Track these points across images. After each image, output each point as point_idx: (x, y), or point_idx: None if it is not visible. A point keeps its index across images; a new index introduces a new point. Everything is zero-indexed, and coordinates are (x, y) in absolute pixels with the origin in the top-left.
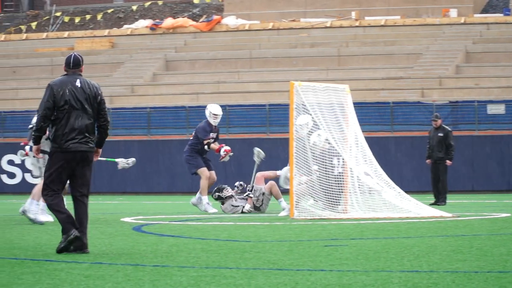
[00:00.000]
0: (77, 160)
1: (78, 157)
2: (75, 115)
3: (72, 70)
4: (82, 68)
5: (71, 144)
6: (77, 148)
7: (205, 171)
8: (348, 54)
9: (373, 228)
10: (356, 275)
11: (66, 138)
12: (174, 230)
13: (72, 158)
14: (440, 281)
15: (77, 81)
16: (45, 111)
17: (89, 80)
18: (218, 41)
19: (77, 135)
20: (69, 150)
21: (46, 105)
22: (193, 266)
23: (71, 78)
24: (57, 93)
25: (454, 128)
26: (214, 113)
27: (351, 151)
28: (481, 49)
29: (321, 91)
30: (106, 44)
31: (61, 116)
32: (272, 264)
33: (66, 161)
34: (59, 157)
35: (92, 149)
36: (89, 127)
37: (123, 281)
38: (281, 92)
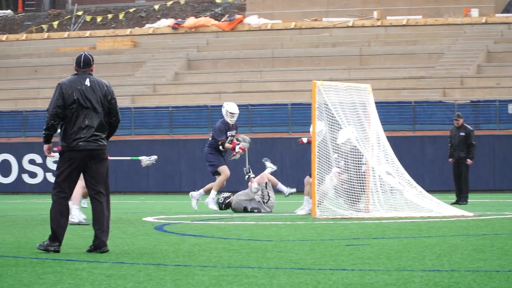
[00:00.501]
0: (87, 159)
1: (87, 155)
2: (84, 114)
3: (83, 69)
4: (92, 67)
5: (79, 143)
6: (86, 147)
7: (226, 170)
8: (370, 54)
9: (394, 227)
10: (377, 275)
11: (74, 136)
12: (196, 229)
13: (82, 157)
14: (461, 280)
15: (87, 80)
16: (55, 109)
17: (99, 79)
18: (240, 41)
19: (86, 133)
20: (77, 149)
21: (56, 103)
22: (215, 266)
23: (80, 78)
24: (66, 92)
25: (475, 127)
26: (230, 112)
27: (373, 151)
28: (502, 48)
29: (343, 90)
30: (128, 43)
31: (69, 115)
32: (294, 263)
33: (75, 159)
34: (68, 155)
35: (102, 147)
36: (99, 125)
37: (145, 281)
38: (303, 92)
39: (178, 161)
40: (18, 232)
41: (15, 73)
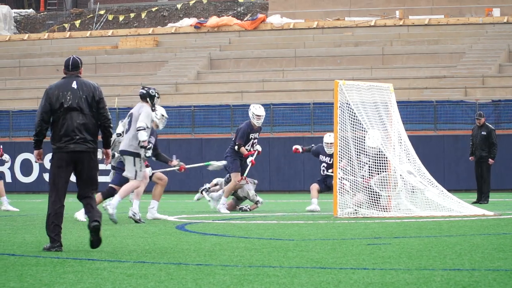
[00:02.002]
0: (76, 160)
1: (76, 157)
2: (71, 116)
3: (71, 72)
4: (81, 70)
5: (68, 145)
6: (74, 148)
7: (237, 176)
8: (392, 53)
9: (415, 226)
10: (398, 274)
11: (63, 139)
12: (218, 228)
13: (70, 158)
14: (481, 279)
15: (74, 83)
16: (42, 115)
17: (87, 81)
18: (262, 40)
19: (73, 135)
20: (66, 150)
21: (43, 110)
22: (237, 265)
23: (68, 80)
24: (53, 96)
25: (496, 126)
26: (257, 114)
27: (394, 150)
28: None
29: (365, 90)
30: (150, 42)
31: (57, 118)
32: (315, 262)
33: (64, 161)
34: (57, 157)
35: (91, 149)
36: (87, 127)
37: (166, 280)
38: (326, 91)
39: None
40: (39, 231)
41: (37, 72)
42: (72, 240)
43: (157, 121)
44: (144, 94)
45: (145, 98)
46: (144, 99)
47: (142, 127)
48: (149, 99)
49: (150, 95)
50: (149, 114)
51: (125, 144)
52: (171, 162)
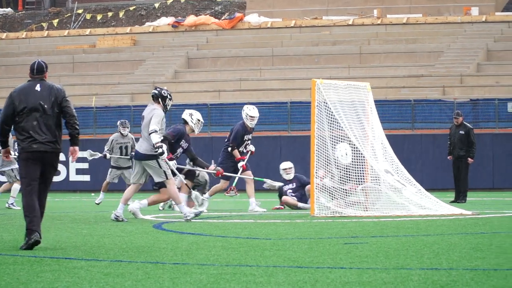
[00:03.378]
0: (40, 160)
1: (40, 156)
2: (34, 117)
3: (35, 76)
4: (46, 74)
5: (31, 145)
6: (38, 149)
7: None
8: (370, 52)
9: (393, 225)
10: (375, 273)
11: (26, 140)
12: (195, 227)
13: (35, 158)
14: (459, 278)
15: (37, 86)
16: (4, 117)
17: (51, 84)
18: (240, 39)
19: (36, 136)
20: (29, 150)
21: (5, 112)
22: (213, 264)
23: (32, 84)
24: (16, 99)
25: (474, 126)
26: (251, 115)
27: (372, 149)
28: (502, 47)
29: (342, 88)
30: (128, 41)
31: (21, 120)
32: (292, 261)
33: (30, 160)
34: (23, 157)
35: (54, 149)
36: (50, 128)
37: (143, 279)
38: (303, 90)
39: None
40: (16, 230)
41: (15, 71)
42: (49, 239)
43: (192, 125)
44: (156, 94)
45: (157, 98)
46: (156, 99)
47: (153, 130)
48: (161, 99)
49: (162, 96)
50: (161, 117)
51: (142, 149)
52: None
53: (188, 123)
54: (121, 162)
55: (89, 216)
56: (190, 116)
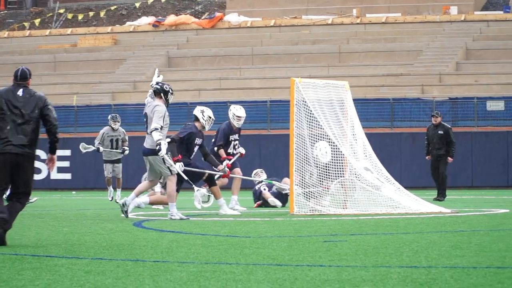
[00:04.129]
0: (13, 162)
1: (13, 159)
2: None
3: (19, 82)
4: (29, 81)
5: (5, 147)
6: (11, 150)
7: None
8: (349, 51)
9: (372, 223)
10: (355, 271)
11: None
12: (175, 225)
13: (8, 160)
14: (438, 276)
15: (20, 91)
16: None
17: (34, 91)
18: (220, 38)
19: (12, 139)
20: (3, 152)
21: None
22: (193, 262)
23: (15, 88)
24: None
25: (453, 124)
26: (237, 115)
27: (351, 147)
28: (481, 46)
29: (321, 87)
30: (108, 41)
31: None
32: (271, 259)
33: (2, 162)
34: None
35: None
36: (26, 132)
37: (124, 277)
38: (282, 89)
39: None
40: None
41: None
42: (30, 237)
43: (203, 122)
44: (158, 89)
45: (159, 93)
46: (158, 94)
47: (154, 128)
48: (163, 94)
49: (164, 91)
50: (162, 113)
51: (148, 145)
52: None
53: (199, 120)
54: (112, 155)
55: (70, 214)
56: (201, 113)
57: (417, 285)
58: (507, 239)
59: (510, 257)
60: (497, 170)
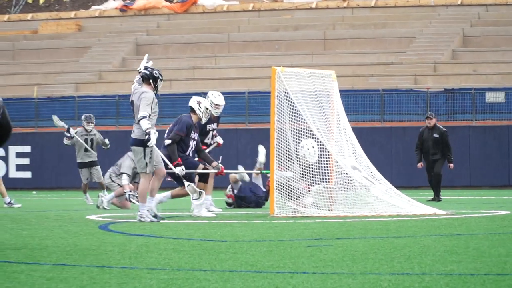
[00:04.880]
0: None
1: None
2: None
3: None
4: None
5: None
6: None
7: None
8: (335, 38)
9: (360, 226)
10: (341, 278)
11: None
12: (144, 228)
13: None
14: (433, 284)
15: None
16: None
17: None
18: (193, 24)
19: None
20: None
21: None
22: (164, 268)
23: None
24: None
25: (449, 118)
26: (216, 104)
27: (337, 143)
28: (479, 32)
29: (305, 77)
30: (72, 27)
31: None
32: (250, 266)
33: None
34: None
35: None
36: None
37: (88, 284)
38: (262, 79)
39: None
40: None
41: None
42: None
43: (200, 114)
44: (147, 75)
45: (148, 79)
46: (147, 80)
47: (142, 116)
48: (152, 81)
49: (154, 77)
50: (151, 100)
51: (133, 135)
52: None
53: (196, 111)
54: (86, 156)
55: (30, 216)
56: (198, 104)
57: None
58: (508, 244)
59: (511, 263)
60: (497, 168)
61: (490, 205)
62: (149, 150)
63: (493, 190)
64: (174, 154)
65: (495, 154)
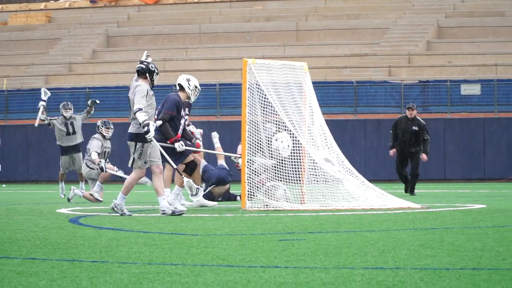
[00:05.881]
0: None
1: None
2: None
3: None
4: None
5: None
6: None
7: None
8: (308, 29)
9: (333, 220)
10: (314, 273)
11: None
12: (114, 222)
13: None
14: (407, 279)
15: None
16: None
17: None
18: (164, 15)
19: None
20: None
21: None
22: (135, 262)
23: None
24: None
25: (424, 110)
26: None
27: (309, 135)
28: (454, 23)
29: (276, 69)
30: (42, 18)
31: None
32: (221, 260)
33: None
34: None
35: None
36: None
37: (59, 278)
38: (233, 71)
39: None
40: None
41: None
42: None
43: (189, 92)
44: (144, 69)
45: (144, 74)
46: (143, 75)
47: (138, 109)
48: (148, 74)
49: (150, 70)
50: (144, 92)
51: (129, 129)
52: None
53: (185, 89)
54: (67, 140)
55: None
56: (187, 81)
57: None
58: (483, 238)
59: (486, 257)
60: (472, 161)
61: (465, 199)
62: (140, 145)
63: (468, 184)
64: (168, 133)
65: (471, 147)
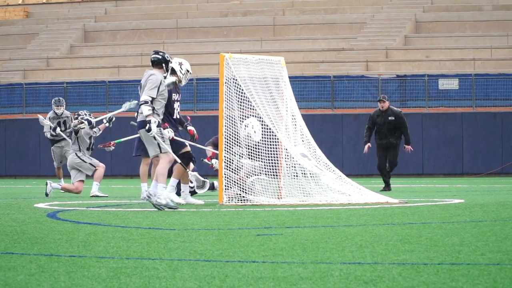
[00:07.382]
0: None
1: None
2: None
3: None
4: None
5: None
6: None
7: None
8: (285, 23)
9: (310, 215)
10: (291, 267)
11: None
12: (92, 217)
13: None
14: (385, 273)
15: None
16: None
17: None
18: (141, 9)
19: None
20: None
21: None
22: (113, 257)
23: None
24: None
25: (402, 105)
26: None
27: (286, 130)
28: (432, 17)
29: (253, 64)
30: (20, 13)
31: None
32: (198, 254)
33: None
34: None
35: None
36: None
37: (37, 273)
38: (210, 65)
39: None
40: None
41: None
42: None
43: (181, 76)
44: (159, 59)
45: (160, 64)
46: (159, 65)
47: (144, 101)
48: (164, 65)
49: (166, 60)
50: (157, 83)
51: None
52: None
53: (177, 72)
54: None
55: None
56: (179, 65)
57: (361, 283)
58: (462, 233)
59: (464, 252)
60: (450, 156)
61: (443, 194)
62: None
63: (446, 179)
64: None
65: (448, 141)
